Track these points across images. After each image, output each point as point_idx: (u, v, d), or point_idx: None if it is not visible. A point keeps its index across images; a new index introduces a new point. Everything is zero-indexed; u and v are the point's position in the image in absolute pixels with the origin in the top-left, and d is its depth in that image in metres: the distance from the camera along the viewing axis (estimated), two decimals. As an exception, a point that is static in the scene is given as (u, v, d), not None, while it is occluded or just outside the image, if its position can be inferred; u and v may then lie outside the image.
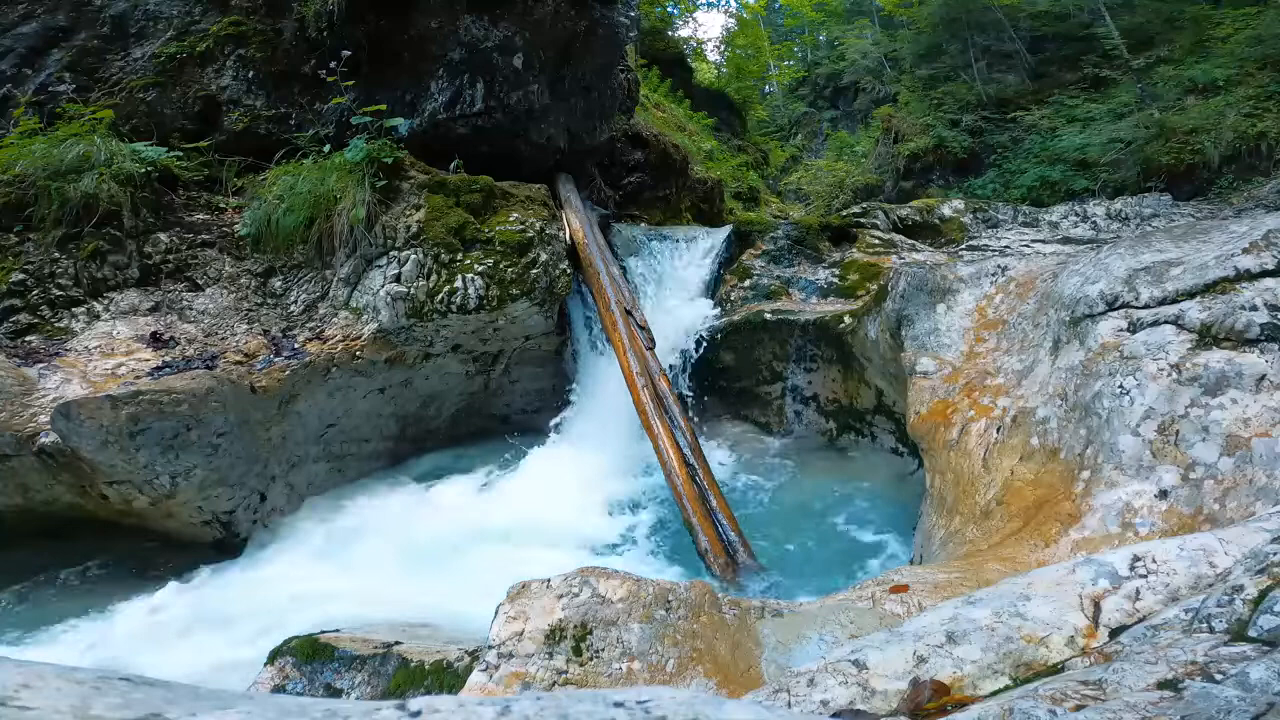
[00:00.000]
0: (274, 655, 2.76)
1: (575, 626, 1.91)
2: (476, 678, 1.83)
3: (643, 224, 7.24)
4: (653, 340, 5.12)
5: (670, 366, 5.36)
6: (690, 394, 5.43)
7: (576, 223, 5.82)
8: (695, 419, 4.98)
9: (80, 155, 4.43)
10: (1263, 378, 2.36)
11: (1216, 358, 2.47)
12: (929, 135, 13.15)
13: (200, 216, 4.91)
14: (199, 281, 4.64)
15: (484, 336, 5.14)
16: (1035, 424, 2.90)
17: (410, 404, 5.20)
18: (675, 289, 6.27)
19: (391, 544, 4.01)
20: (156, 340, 4.21)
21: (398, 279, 4.74)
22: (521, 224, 5.16)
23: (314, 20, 5.43)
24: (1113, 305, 2.94)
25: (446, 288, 4.78)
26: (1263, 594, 1.15)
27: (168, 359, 4.08)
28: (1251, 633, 1.09)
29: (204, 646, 3.09)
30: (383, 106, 5.13)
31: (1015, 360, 3.33)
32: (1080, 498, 2.47)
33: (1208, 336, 2.56)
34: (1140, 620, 1.33)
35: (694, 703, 0.48)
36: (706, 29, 61.96)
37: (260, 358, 4.31)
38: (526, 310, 5.06)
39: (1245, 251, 2.77)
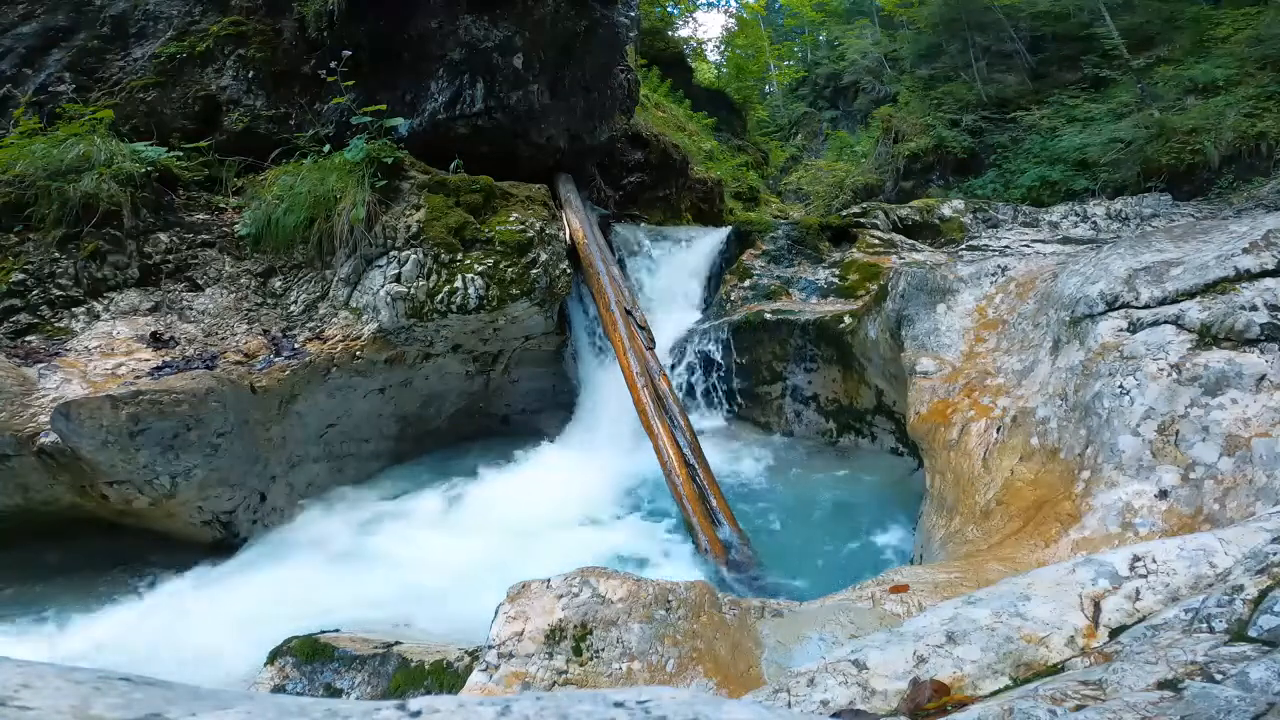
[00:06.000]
0: (274, 655, 2.77)
1: (575, 626, 1.91)
2: (476, 678, 1.83)
3: (643, 224, 7.24)
4: (652, 340, 5.12)
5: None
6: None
7: (576, 223, 5.83)
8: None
9: (80, 155, 4.43)
10: (1263, 378, 2.36)
11: (1216, 358, 2.47)
12: (929, 135, 13.15)
13: (200, 216, 4.91)
14: (199, 281, 4.64)
15: (484, 336, 5.14)
16: (1035, 424, 2.90)
17: (410, 404, 5.20)
18: (675, 290, 6.28)
19: (391, 543, 4.01)
20: (156, 340, 4.21)
21: (398, 279, 4.74)
22: (521, 224, 5.16)
23: (314, 20, 5.43)
24: (1113, 305, 2.94)
25: (446, 288, 4.78)
26: (1263, 594, 1.16)
27: (168, 359, 4.08)
28: (1251, 633, 1.09)
29: (203, 646, 3.09)
30: (383, 106, 5.13)
31: (1015, 360, 3.33)
32: (1080, 498, 2.47)
33: (1208, 336, 2.56)
34: (1140, 620, 1.33)
35: (694, 703, 0.48)
36: (706, 29, 62.05)
37: (260, 358, 4.31)
38: (526, 310, 5.06)
39: (1245, 251, 2.77)
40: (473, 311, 4.82)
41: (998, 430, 3.05)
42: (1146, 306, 2.83)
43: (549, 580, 2.06)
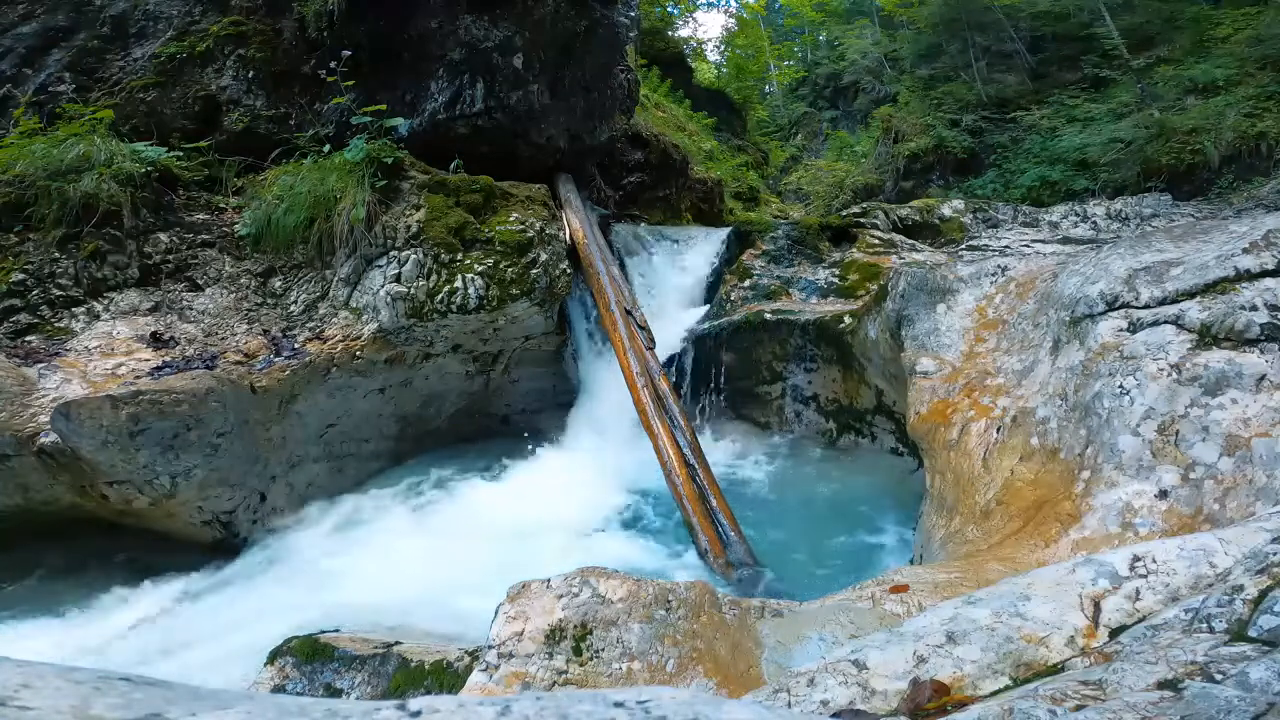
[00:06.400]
0: (274, 655, 2.77)
1: (575, 626, 1.91)
2: (476, 678, 1.83)
3: (643, 224, 7.24)
4: (653, 340, 5.12)
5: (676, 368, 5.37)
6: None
7: (576, 223, 5.82)
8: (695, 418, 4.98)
9: (80, 155, 4.43)
10: (1263, 378, 2.36)
11: (1216, 358, 2.47)
12: (929, 135, 13.15)
13: (200, 216, 4.90)
14: (199, 281, 4.64)
15: (484, 336, 5.14)
16: (1035, 424, 2.90)
17: (410, 404, 5.20)
18: (675, 289, 6.28)
19: (389, 544, 4.01)
20: (156, 340, 4.21)
21: (398, 279, 4.74)
22: (521, 224, 5.16)
23: (314, 20, 5.43)
24: (1113, 305, 2.94)
25: (446, 288, 4.78)
26: (1263, 594, 1.16)
27: (168, 359, 4.08)
28: (1251, 633, 1.09)
29: (203, 646, 3.09)
30: (383, 106, 5.13)
31: (1015, 360, 3.33)
32: (1080, 498, 2.47)
33: (1208, 336, 2.56)
34: (1140, 620, 1.33)
35: (694, 703, 0.48)
36: (706, 29, 62.09)
37: (260, 358, 4.31)
38: (526, 310, 5.06)
39: (1245, 251, 2.77)
40: (473, 311, 4.82)
41: (998, 430, 3.05)
42: (1146, 306, 2.83)
43: (549, 580, 2.06)
